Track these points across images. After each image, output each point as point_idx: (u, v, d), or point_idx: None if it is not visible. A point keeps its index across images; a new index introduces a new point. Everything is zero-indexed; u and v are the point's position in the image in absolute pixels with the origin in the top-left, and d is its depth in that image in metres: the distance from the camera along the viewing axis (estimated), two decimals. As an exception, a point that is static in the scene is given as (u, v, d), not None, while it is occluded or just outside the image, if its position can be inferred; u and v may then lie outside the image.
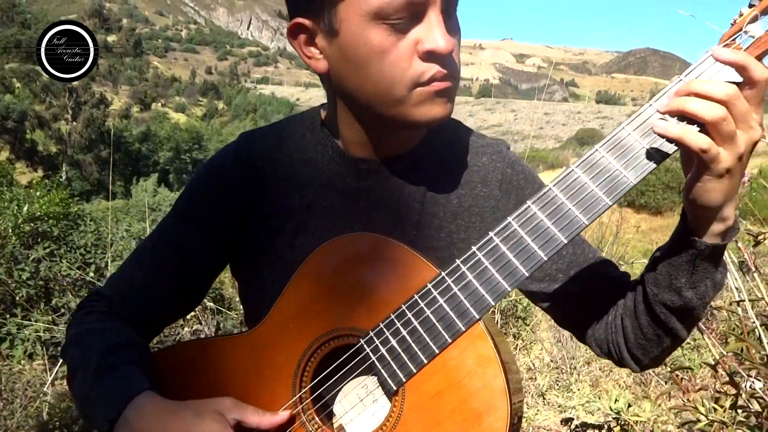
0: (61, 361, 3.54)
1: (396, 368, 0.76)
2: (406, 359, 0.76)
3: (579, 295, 0.91)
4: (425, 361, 0.75)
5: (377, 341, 0.78)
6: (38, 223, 5.03)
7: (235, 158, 0.94)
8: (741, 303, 1.64)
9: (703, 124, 0.66)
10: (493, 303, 0.74)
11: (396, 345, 0.77)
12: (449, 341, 0.74)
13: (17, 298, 4.38)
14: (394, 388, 0.77)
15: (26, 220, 4.87)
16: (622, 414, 1.83)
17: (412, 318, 0.76)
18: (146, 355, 0.89)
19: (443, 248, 0.91)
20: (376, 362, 0.78)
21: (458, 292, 0.75)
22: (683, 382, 1.72)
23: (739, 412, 1.54)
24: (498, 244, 0.74)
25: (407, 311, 0.76)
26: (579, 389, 3.48)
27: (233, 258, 0.97)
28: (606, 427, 2.13)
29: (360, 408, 0.83)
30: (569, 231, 0.72)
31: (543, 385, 3.52)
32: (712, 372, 1.66)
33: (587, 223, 0.72)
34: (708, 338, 1.72)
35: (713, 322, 3.73)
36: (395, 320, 0.77)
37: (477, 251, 0.75)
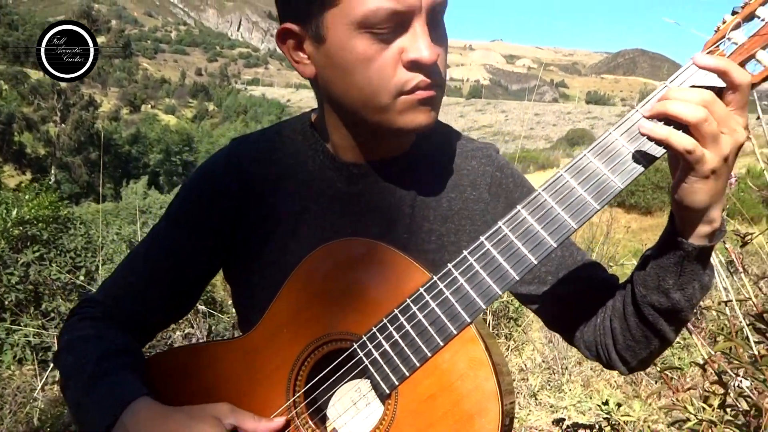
0: (52, 366, 3.51)
1: (389, 372, 0.77)
2: (399, 363, 0.77)
3: (567, 297, 0.92)
4: (418, 365, 0.76)
5: (370, 345, 0.78)
6: (27, 227, 4.99)
7: (227, 164, 0.94)
8: (729, 303, 1.67)
9: (688, 127, 0.68)
10: (485, 306, 0.75)
11: (389, 349, 0.77)
12: (441, 345, 0.75)
13: (6, 303, 4.35)
14: (387, 392, 0.78)
15: (15, 224, 4.83)
16: (613, 414, 1.84)
17: (405, 322, 0.77)
18: (141, 361, 0.89)
19: (434, 251, 0.92)
20: (369, 366, 0.78)
21: (450, 296, 0.76)
22: (673, 382, 1.73)
23: (728, 411, 1.56)
24: (489, 249, 0.75)
25: (400, 315, 0.77)
26: (570, 389, 3.50)
27: (225, 263, 0.97)
28: (597, 427, 2.15)
29: (353, 411, 0.84)
30: (558, 235, 0.73)
31: (535, 386, 3.54)
32: (702, 371, 1.68)
33: (576, 227, 0.73)
34: (697, 338, 1.74)
35: (702, 322, 3.77)
36: (388, 324, 0.78)
37: (468, 255, 0.76)
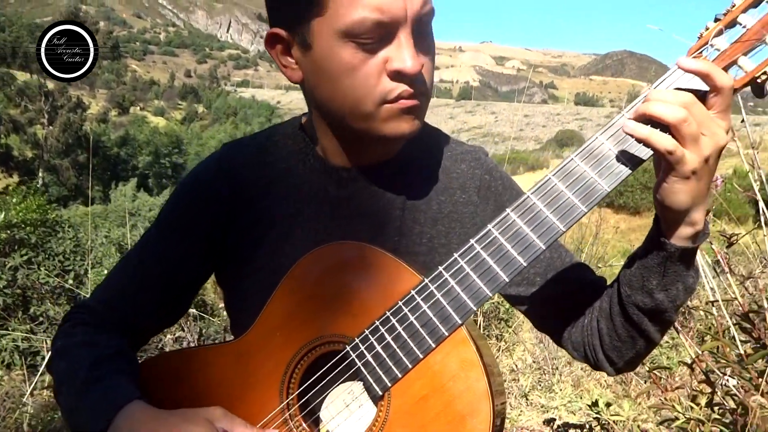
0: (41, 371, 3.49)
1: (381, 374, 0.78)
2: (391, 365, 0.78)
3: (555, 299, 0.94)
4: (410, 366, 0.77)
5: (362, 347, 0.79)
6: (15, 230, 4.95)
7: (218, 169, 0.95)
8: (716, 303, 1.69)
9: (670, 129, 0.69)
10: (475, 308, 0.76)
11: (381, 351, 0.78)
12: (433, 346, 0.76)
13: (-6, 307, 4.31)
14: (380, 393, 0.78)
15: (2, 228, 4.79)
16: (602, 414, 1.86)
17: (397, 324, 0.78)
18: (134, 365, 0.90)
19: (425, 253, 0.93)
20: (362, 368, 0.79)
21: (441, 298, 0.77)
22: (662, 381, 1.75)
23: (715, 410, 1.58)
24: (479, 251, 0.76)
25: (392, 317, 0.78)
26: (561, 389, 3.52)
27: (217, 268, 0.98)
28: (587, 427, 2.17)
29: (346, 413, 0.84)
30: (547, 237, 0.74)
31: (526, 386, 3.55)
32: (690, 371, 1.70)
33: (564, 230, 0.75)
34: (684, 338, 1.76)
35: (690, 321, 3.80)
36: (380, 326, 0.79)
37: (459, 258, 0.77)
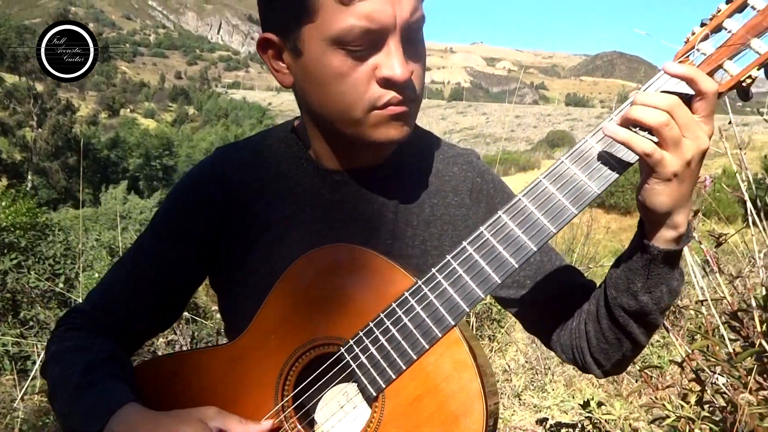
0: (32, 376, 3.47)
1: (375, 375, 0.79)
2: (385, 366, 0.78)
3: (545, 301, 0.95)
4: (404, 368, 0.78)
5: (357, 349, 0.80)
6: (4, 234, 4.92)
7: (211, 173, 0.95)
8: (705, 302, 1.71)
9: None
10: (468, 309, 0.77)
11: (375, 352, 0.79)
12: (426, 347, 0.77)
13: (-17, 312, 4.27)
14: (374, 395, 0.79)
15: (-8, 231, 4.76)
16: (594, 413, 1.88)
17: (390, 326, 0.78)
18: (128, 369, 0.90)
19: (418, 256, 0.93)
20: (356, 370, 0.80)
21: (434, 300, 0.77)
22: (653, 380, 1.77)
23: (705, 408, 1.59)
24: (471, 253, 0.77)
25: (385, 319, 0.79)
26: (553, 389, 3.54)
27: (210, 272, 0.98)
28: (580, 426, 2.18)
29: (341, 415, 0.85)
30: (538, 239, 0.75)
31: (518, 386, 3.57)
32: (680, 369, 1.72)
33: (555, 231, 0.76)
34: (675, 337, 1.78)
35: (681, 321, 3.84)
36: (374, 328, 0.79)
37: (451, 260, 0.78)
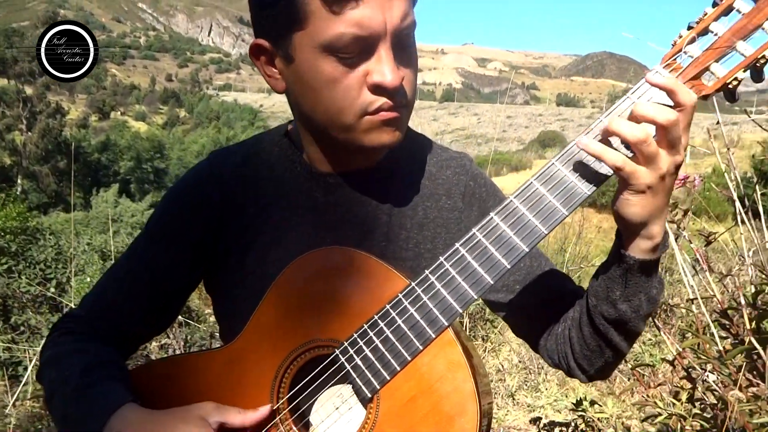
0: (24, 381, 3.44)
1: (370, 376, 0.79)
2: (380, 367, 0.79)
3: (533, 306, 0.95)
4: (398, 369, 0.78)
5: (351, 351, 0.81)
6: (-5, 239, 4.88)
7: (209, 174, 0.96)
8: (695, 300, 1.72)
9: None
10: (461, 310, 0.78)
11: (370, 354, 0.79)
12: (420, 348, 0.78)
13: (-26, 317, 4.24)
14: (369, 396, 0.80)
15: (-18, 236, 4.72)
16: (588, 412, 1.89)
17: (385, 327, 0.79)
18: (125, 372, 0.90)
19: (411, 258, 0.94)
20: (351, 371, 0.80)
21: (428, 301, 0.78)
22: (645, 379, 1.78)
23: (696, 405, 1.61)
24: (464, 255, 0.78)
25: (380, 321, 0.79)
26: (547, 388, 3.56)
27: (206, 275, 0.98)
28: (573, 425, 2.19)
29: (336, 416, 0.86)
30: (530, 240, 0.76)
31: (512, 386, 3.59)
32: (672, 367, 1.73)
33: (546, 232, 0.76)
34: (666, 335, 1.80)
35: (672, 319, 3.86)
36: (368, 330, 0.80)
37: (444, 261, 0.78)
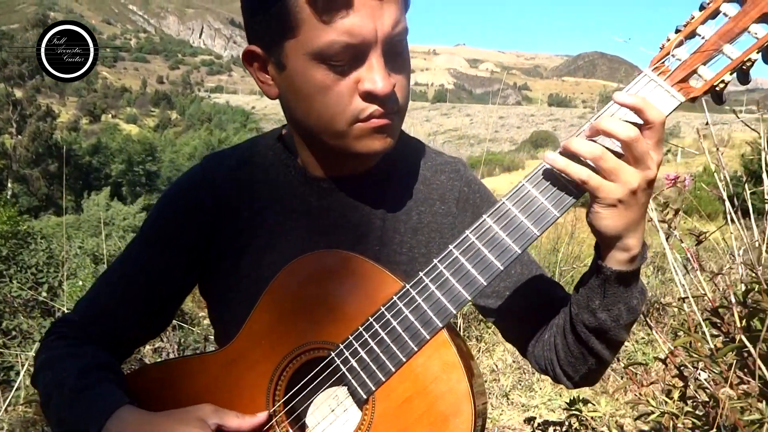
0: (16, 386, 3.42)
1: (365, 378, 0.80)
2: (375, 369, 0.79)
3: (522, 313, 0.96)
4: (393, 370, 0.79)
5: (347, 353, 0.81)
6: (-15, 243, 4.85)
7: (202, 179, 0.96)
8: (686, 299, 1.74)
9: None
10: (455, 311, 0.78)
11: (365, 356, 0.80)
12: (415, 350, 0.78)
13: (-35, 322, 4.21)
14: (365, 397, 0.80)
15: (-28, 241, 4.69)
16: (582, 411, 1.90)
17: (380, 329, 0.80)
18: (120, 376, 0.90)
19: (405, 263, 0.95)
20: (347, 373, 0.81)
21: (422, 303, 0.79)
22: (637, 377, 1.80)
23: (688, 403, 1.62)
24: (457, 257, 0.78)
25: (374, 323, 0.80)
26: (541, 388, 3.57)
27: (200, 279, 0.98)
28: (567, 424, 2.21)
29: (332, 418, 0.86)
30: (522, 241, 0.77)
31: (506, 386, 3.60)
32: (664, 366, 1.75)
33: (539, 234, 0.77)
34: (658, 334, 1.81)
35: (665, 318, 3.89)
36: (363, 332, 0.80)
37: (438, 263, 0.79)
